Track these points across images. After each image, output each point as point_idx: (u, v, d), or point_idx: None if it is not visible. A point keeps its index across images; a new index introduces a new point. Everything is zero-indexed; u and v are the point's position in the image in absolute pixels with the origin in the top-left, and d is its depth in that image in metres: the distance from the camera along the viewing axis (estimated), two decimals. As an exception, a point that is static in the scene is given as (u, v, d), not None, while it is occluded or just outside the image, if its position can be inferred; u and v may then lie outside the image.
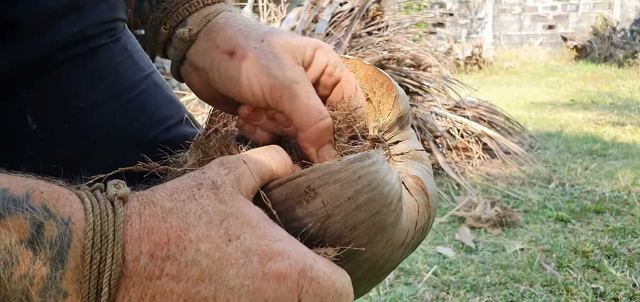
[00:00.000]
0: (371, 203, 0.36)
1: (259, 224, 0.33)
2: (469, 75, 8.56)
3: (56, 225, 0.29)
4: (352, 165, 0.36)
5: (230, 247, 0.31)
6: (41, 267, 0.28)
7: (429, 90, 3.57)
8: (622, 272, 1.95)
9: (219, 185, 0.33)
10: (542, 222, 2.48)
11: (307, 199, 0.35)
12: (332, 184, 0.35)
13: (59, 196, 0.30)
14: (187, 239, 0.31)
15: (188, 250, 0.31)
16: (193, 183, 0.33)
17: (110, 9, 0.53)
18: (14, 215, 0.27)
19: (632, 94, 6.39)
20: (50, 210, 0.29)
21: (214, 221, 0.32)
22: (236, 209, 0.33)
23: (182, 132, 0.57)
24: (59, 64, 0.48)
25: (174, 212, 0.31)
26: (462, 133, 3.55)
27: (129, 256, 0.30)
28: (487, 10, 11.01)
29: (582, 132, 4.38)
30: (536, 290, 1.85)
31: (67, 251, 0.29)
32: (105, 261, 0.29)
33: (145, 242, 0.30)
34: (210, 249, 0.31)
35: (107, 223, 0.30)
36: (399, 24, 3.77)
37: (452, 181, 3.07)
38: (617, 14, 10.29)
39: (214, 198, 0.33)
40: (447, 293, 1.87)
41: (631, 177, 3.08)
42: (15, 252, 0.27)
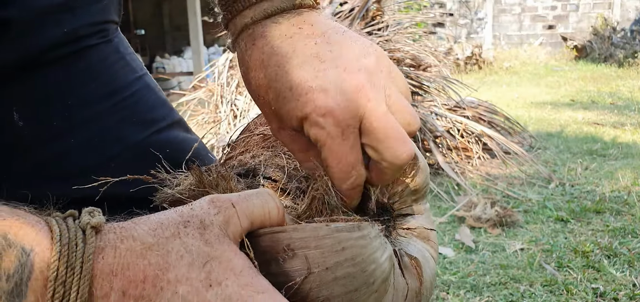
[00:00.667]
0: (350, 279, 0.34)
1: (242, 272, 0.31)
2: (469, 76, 8.55)
3: (16, 255, 0.27)
4: (338, 234, 0.34)
5: (210, 293, 0.29)
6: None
7: (429, 90, 3.57)
8: (622, 272, 1.95)
9: (207, 225, 0.31)
10: (542, 222, 2.48)
11: (284, 258, 0.33)
12: (313, 249, 0.33)
13: (23, 224, 0.28)
14: (165, 279, 0.29)
15: (165, 291, 0.29)
16: (180, 219, 0.31)
17: (103, 11, 0.53)
18: None
19: (632, 94, 6.38)
20: (10, 239, 0.27)
21: (196, 263, 0.30)
22: (221, 252, 0.31)
23: (173, 136, 0.57)
24: (49, 62, 0.48)
25: (154, 249, 0.29)
26: (462, 133, 3.55)
27: (98, 292, 0.28)
28: (487, 10, 11.01)
29: (582, 132, 4.37)
30: (536, 290, 1.85)
31: (27, 284, 0.26)
32: (69, 295, 0.27)
33: (118, 278, 0.28)
34: (189, 293, 0.29)
35: (74, 254, 0.28)
36: (398, 24, 3.77)
37: (452, 181, 3.06)
38: (617, 14, 10.29)
39: (200, 238, 0.31)
40: (447, 293, 1.87)
41: (631, 177, 3.07)
42: None
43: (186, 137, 0.59)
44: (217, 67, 4.01)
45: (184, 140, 0.58)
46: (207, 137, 3.89)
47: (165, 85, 9.23)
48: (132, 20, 11.02)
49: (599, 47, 9.69)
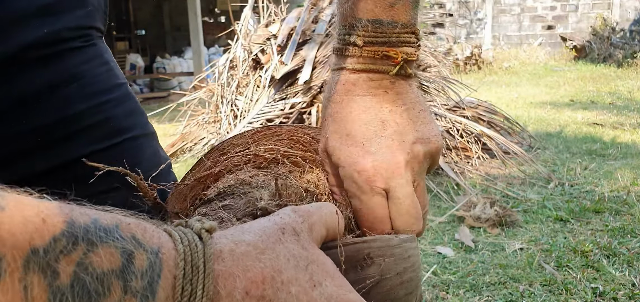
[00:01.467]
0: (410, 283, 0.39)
1: (335, 274, 0.34)
2: (469, 76, 8.56)
3: (146, 255, 0.28)
4: (405, 243, 0.39)
5: (315, 292, 0.33)
6: (131, 298, 0.27)
7: (428, 91, 3.58)
8: (621, 271, 1.95)
9: (298, 232, 0.34)
10: (542, 221, 2.49)
11: (363, 265, 0.37)
12: (389, 257, 0.38)
13: (147, 228, 0.30)
14: (279, 280, 0.31)
15: (281, 291, 0.31)
16: (276, 227, 0.34)
17: (87, 16, 0.55)
18: (105, 244, 0.27)
19: (631, 94, 6.39)
20: (139, 240, 0.28)
21: (301, 266, 0.33)
22: (317, 256, 0.34)
23: (147, 144, 0.59)
24: (28, 62, 0.50)
25: (267, 253, 0.32)
26: (461, 133, 3.56)
27: (223, 291, 0.30)
28: (486, 11, 11.01)
29: (581, 132, 4.38)
30: (535, 289, 1.85)
31: (158, 282, 0.28)
32: (195, 293, 0.29)
33: (240, 279, 0.30)
34: (299, 293, 0.32)
35: (196, 254, 0.30)
36: (398, 24, 3.77)
37: (451, 181, 3.07)
38: (616, 14, 10.29)
39: (297, 243, 0.34)
40: (447, 293, 1.87)
41: (630, 177, 3.08)
42: (107, 282, 0.26)
43: (157, 151, 0.61)
44: (217, 68, 4.02)
45: (154, 154, 0.60)
46: (208, 138, 3.89)
47: (166, 85, 9.23)
48: (132, 21, 11.02)
49: (598, 48, 9.69)
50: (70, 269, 0.25)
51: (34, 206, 0.26)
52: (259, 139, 0.51)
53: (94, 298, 0.26)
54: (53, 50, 0.51)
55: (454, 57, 8.83)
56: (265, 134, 0.52)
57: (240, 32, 3.91)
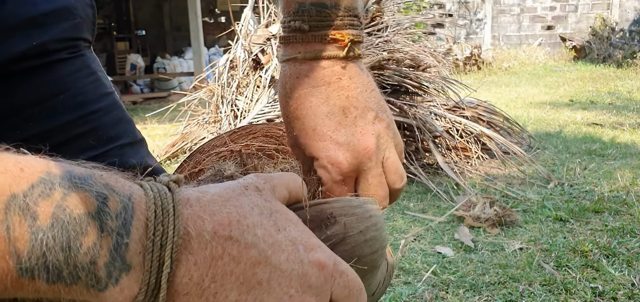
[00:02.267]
0: (374, 241, 0.41)
1: (297, 222, 0.37)
2: (468, 76, 8.56)
3: (119, 199, 0.30)
4: (366, 204, 0.42)
5: (280, 235, 0.35)
6: (107, 237, 0.29)
7: (428, 91, 3.58)
8: (621, 271, 1.96)
9: (261, 189, 0.37)
10: (541, 221, 2.49)
11: (327, 224, 0.39)
12: (350, 216, 0.40)
13: (118, 179, 0.31)
14: (245, 223, 0.33)
15: (247, 233, 0.33)
16: (239, 185, 0.36)
17: (74, 28, 0.56)
18: (80, 189, 0.29)
19: (631, 94, 6.40)
20: (112, 187, 0.30)
21: (265, 213, 0.35)
22: (279, 207, 0.37)
23: (135, 152, 0.60)
24: (16, 74, 0.50)
25: (231, 201, 0.34)
26: (461, 133, 3.56)
27: (193, 231, 0.31)
28: (486, 11, 11.02)
29: (580, 132, 4.39)
30: (535, 289, 1.86)
31: (131, 222, 0.30)
32: (167, 233, 0.30)
33: (208, 221, 0.32)
34: (265, 235, 0.34)
35: (166, 199, 0.31)
36: (398, 24, 3.78)
37: (451, 181, 3.07)
38: (616, 14, 10.30)
39: (260, 197, 0.36)
40: (446, 292, 1.88)
41: (630, 177, 3.08)
42: (84, 223, 0.28)
43: (144, 158, 0.62)
44: (217, 68, 4.02)
45: (142, 161, 0.61)
46: (208, 138, 3.90)
47: (166, 85, 9.23)
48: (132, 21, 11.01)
49: (597, 48, 9.70)
50: (48, 211, 0.27)
51: (12, 159, 0.28)
52: (236, 139, 0.55)
53: (72, 237, 0.28)
54: (41, 62, 0.52)
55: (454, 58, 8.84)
56: (241, 134, 0.55)
57: (240, 33, 3.91)
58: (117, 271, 0.29)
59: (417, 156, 3.38)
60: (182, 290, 0.31)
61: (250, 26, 3.99)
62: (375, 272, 0.43)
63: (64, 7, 0.54)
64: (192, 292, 0.31)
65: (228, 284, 0.32)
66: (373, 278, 0.44)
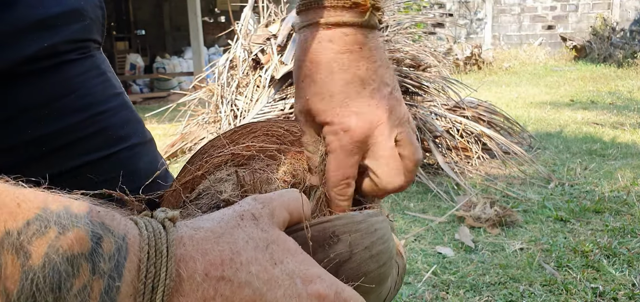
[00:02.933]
0: (381, 255, 0.40)
1: (296, 252, 0.35)
2: (469, 76, 8.56)
3: (114, 240, 0.30)
4: (371, 218, 0.40)
5: (276, 270, 0.33)
6: (99, 279, 0.28)
7: (428, 91, 3.58)
8: (622, 272, 1.95)
9: (257, 217, 0.35)
10: (542, 221, 2.49)
11: (330, 243, 0.38)
12: (354, 233, 0.39)
13: (115, 216, 0.31)
14: (239, 261, 0.32)
15: (240, 272, 0.32)
16: (235, 214, 0.35)
17: (84, 29, 0.56)
18: (76, 228, 0.28)
19: (632, 94, 6.39)
20: (108, 226, 0.30)
21: (260, 247, 0.34)
22: (276, 237, 0.35)
23: (145, 152, 0.60)
24: (26, 75, 0.50)
25: (225, 237, 0.33)
26: (461, 133, 3.56)
27: (184, 273, 0.31)
28: (486, 11, 11.01)
29: (581, 132, 4.38)
30: (535, 290, 1.85)
31: (124, 264, 0.29)
32: (159, 275, 0.30)
33: (200, 262, 0.32)
34: (260, 272, 0.33)
35: (160, 240, 0.31)
36: (398, 24, 3.77)
37: (451, 181, 3.07)
38: (617, 14, 10.29)
39: (256, 227, 0.35)
40: (447, 293, 1.87)
41: (630, 177, 3.08)
42: (77, 264, 0.28)
43: (155, 158, 0.62)
44: (217, 68, 4.01)
45: (152, 161, 0.61)
46: (208, 137, 3.89)
47: (166, 85, 9.23)
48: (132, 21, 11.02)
49: (598, 48, 9.69)
50: (41, 251, 0.27)
51: (10, 192, 0.28)
52: (237, 139, 0.54)
53: (64, 278, 0.27)
54: (51, 63, 0.52)
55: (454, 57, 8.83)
56: (242, 133, 0.54)
57: (240, 32, 3.91)
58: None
59: (417, 156, 3.37)
60: None
61: (250, 26, 3.98)
62: (384, 283, 0.42)
63: (74, 9, 0.54)
64: None
65: None
66: (382, 289, 0.42)
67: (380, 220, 0.41)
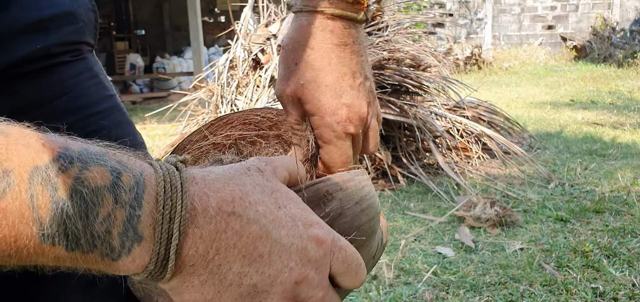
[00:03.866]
0: (370, 209, 0.43)
1: (297, 200, 0.39)
2: (469, 76, 8.56)
3: (132, 174, 0.32)
4: (357, 176, 0.44)
5: (280, 212, 0.37)
6: (121, 209, 0.31)
7: (428, 91, 3.57)
8: (622, 272, 1.95)
9: (262, 170, 0.39)
10: (542, 222, 2.49)
11: (324, 201, 0.41)
12: (345, 190, 0.42)
13: (130, 156, 0.34)
14: (247, 200, 0.35)
15: (249, 209, 0.35)
16: (242, 166, 0.38)
17: (77, 32, 0.57)
18: (96, 164, 0.31)
19: (632, 94, 6.39)
20: (125, 164, 0.33)
21: (266, 191, 0.37)
22: (280, 186, 0.39)
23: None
24: (20, 76, 0.51)
25: (234, 180, 0.36)
26: (461, 133, 3.55)
27: (199, 206, 0.34)
28: (486, 11, 11.01)
29: (581, 132, 4.38)
30: (536, 290, 1.85)
31: (143, 196, 0.32)
32: (175, 207, 0.33)
33: (212, 198, 0.34)
34: (266, 212, 0.36)
35: (175, 177, 0.34)
36: (398, 24, 3.77)
37: (451, 181, 3.07)
38: (617, 14, 10.29)
39: (262, 177, 0.38)
40: (447, 293, 1.87)
41: (630, 177, 3.08)
42: (100, 195, 0.30)
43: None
44: (217, 68, 4.01)
45: None
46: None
47: (166, 85, 9.23)
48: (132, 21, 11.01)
49: (598, 48, 9.69)
50: (68, 183, 0.30)
51: (35, 135, 0.31)
52: (215, 130, 0.56)
53: (90, 207, 0.30)
54: (44, 65, 0.53)
55: (454, 57, 8.83)
56: (219, 125, 0.56)
57: (240, 32, 3.90)
58: (130, 241, 0.31)
59: (417, 156, 3.37)
60: (188, 261, 0.33)
61: (250, 26, 3.98)
62: (374, 237, 0.45)
63: (67, 12, 0.56)
64: (198, 263, 0.34)
65: (231, 256, 0.34)
66: (373, 242, 0.46)
67: (365, 178, 0.44)
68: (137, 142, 0.63)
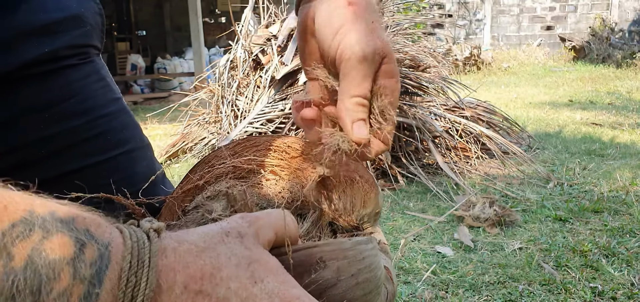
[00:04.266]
0: (368, 283, 0.40)
1: (278, 272, 0.35)
2: (468, 76, 8.57)
3: (97, 247, 0.30)
4: (359, 246, 0.40)
5: (255, 288, 0.34)
6: (79, 285, 0.29)
7: (427, 91, 3.59)
8: (621, 271, 1.96)
9: (243, 234, 0.36)
10: (541, 221, 2.50)
11: (316, 269, 0.38)
12: (341, 260, 0.39)
13: (100, 223, 0.32)
14: (219, 276, 0.33)
15: (220, 287, 0.33)
16: (221, 230, 0.35)
17: (84, 35, 0.58)
18: (60, 233, 0.29)
19: (630, 94, 6.41)
20: (92, 233, 0.30)
21: (242, 264, 0.34)
22: (259, 256, 0.35)
23: (142, 156, 0.62)
24: (28, 78, 0.52)
25: (207, 252, 0.33)
26: (460, 133, 3.57)
27: (164, 284, 0.31)
28: (485, 11, 11.02)
29: (580, 132, 4.39)
30: (534, 289, 1.87)
31: (105, 272, 0.30)
32: (139, 285, 0.30)
33: (180, 274, 0.32)
34: (239, 289, 0.33)
35: (143, 249, 0.31)
36: (398, 25, 3.78)
37: (451, 181, 3.08)
38: (615, 14, 10.30)
39: (240, 244, 0.35)
40: (446, 292, 1.88)
41: (629, 176, 3.09)
42: (58, 268, 0.28)
43: (151, 163, 0.63)
44: (217, 68, 4.02)
45: (149, 166, 0.62)
46: (208, 138, 3.91)
47: (167, 85, 9.24)
48: (133, 21, 11.02)
49: (597, 48, 9.71)
50: (24, 253, 0.28)
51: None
52: (240, 151, 0.54)
53: (44, 281, 0.28)
54: (52, 67, 0.54)
55: (453, 58, 8.85)
56: (245, 145, 0.55)
57: (240, 33, 3.92)
58: None
59: (416, 156, 3.39)
60: None
61: (251, 27, 3.99)
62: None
63: (74, 16, 0.56)
64: None
65: None
66: None
67: (369, 247, 0.41)
68: (143, 144, 0.63)
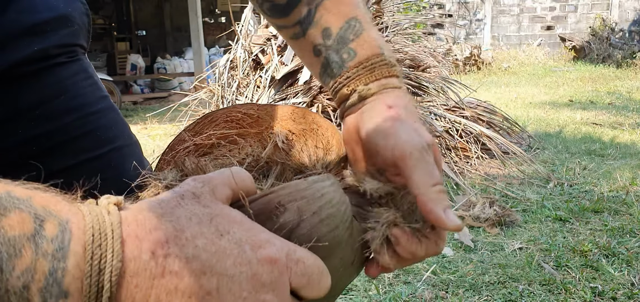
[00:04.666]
0: (331, 218, 0.40)
1: (242, 221, 0.35)
2: (468, 76, 8.57)
3: (57, 222, 0.29)
4: (316, 184, 0.40)
5: (223, 240, 0.33)
6: (43, 261, 0.28)
7: (428, 91, 3.59)
8: (621, 271, 1.96)
9: (198, 194, 0.35)
10: (541, 221, 2.50)
11: (277, 214, 0.38)
12: (300, 200, 0.39)
13: (59, 200, 0.31)
14: (183, 237, 0.32)
15: (187, 247, 0.32)
16: (175, 195, 0.35)
17: (72, 35, 0.59)
18: (17, 210, 0.28)
19: (630, 94, 6.41)
20: (51, 211, 0.30)
21: (204, 221, 0.34)
22: (220, 210, 0.35)
23: (130, 153, 0.62)
24: (19, 77, 0.53)
25: (167, 217, 0.33)
26: (461, 133, 3.57)
27: (130, 254, 0.31)
28: (485, 11, 11.02)
29: (580, 132, 4.39)
30: (534, 289, 1.86)
31: (68, 246, 0.29)
32: (105, 257, 0.30)
33: (145, 241, 0.31)
34: (206, 244, 0.33)
35: (104, 222, 0.31)
36: (398, 25, 3.78)
37: (451, 181, 3.08)
38: (616, 14, 10.30)
39: (198, 204, 0.34)
40: (446, 292, 1.88)
41: (629, 177, 3.09)
42: (19, 245, 0.27)
43: (140, 160, 0.64)
44: (217, 68, 4.02)
45: (138, 163, 0.63)
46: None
47: (167, 85, 9.24)
48: (133, 21, 11.02)
49: (597, 48, 9.71)
50: None
51: None
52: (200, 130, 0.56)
53: (5, 258, 0.27)
54: (42, 66, 0.55)
55: (454, 58, 8.85)
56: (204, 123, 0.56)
57: (240, 33, 3.92)
58: (54, 298, 0.28)
59: (417, 156, 3.38)
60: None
61: (251, 26, 3.99)
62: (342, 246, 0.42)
63: (62, 16, 0.57)
64: None
65: (176, 300, 0.31)
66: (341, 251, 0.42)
67: (327, 184, 0.41)
68: (131, 142, 0.64)
